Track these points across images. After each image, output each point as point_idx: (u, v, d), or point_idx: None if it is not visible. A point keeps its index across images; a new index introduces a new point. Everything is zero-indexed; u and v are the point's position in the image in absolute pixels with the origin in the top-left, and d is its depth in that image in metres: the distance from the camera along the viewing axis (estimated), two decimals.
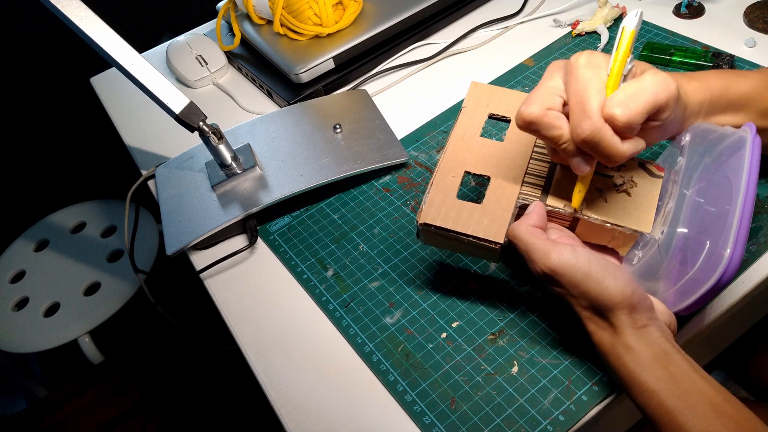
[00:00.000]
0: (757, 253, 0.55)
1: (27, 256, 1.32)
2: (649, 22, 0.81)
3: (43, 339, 1.16)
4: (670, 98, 0.42)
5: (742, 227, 0.40)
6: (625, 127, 0.40)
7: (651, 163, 0.50)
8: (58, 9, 0.58)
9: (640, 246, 0.48)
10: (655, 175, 0.49)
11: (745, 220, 0.41)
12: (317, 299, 0.61)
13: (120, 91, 0.96)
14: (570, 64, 0.44)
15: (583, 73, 0.42)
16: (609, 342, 0.44)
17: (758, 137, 0.44)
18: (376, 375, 0.54)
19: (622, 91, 0.41)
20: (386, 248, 0.64)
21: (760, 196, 0.59)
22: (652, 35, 0.79)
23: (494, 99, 0.56)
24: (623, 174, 0.49)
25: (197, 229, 0.66)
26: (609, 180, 0.49)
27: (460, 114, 0.55)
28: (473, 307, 0.57)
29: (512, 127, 0.54)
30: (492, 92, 0.56)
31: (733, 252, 0.40)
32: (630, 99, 0.41)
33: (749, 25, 0.77)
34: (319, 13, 0.82)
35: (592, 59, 0.43)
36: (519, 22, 0.88)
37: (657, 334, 0.43)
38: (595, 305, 0.43)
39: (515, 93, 0.56)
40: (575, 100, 0.42)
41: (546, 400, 0.50)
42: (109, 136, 1.05)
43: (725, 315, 0.53)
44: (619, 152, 0.41)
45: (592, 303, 0.44)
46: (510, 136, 0.53)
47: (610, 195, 0.49)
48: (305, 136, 0.74)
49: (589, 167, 0.45)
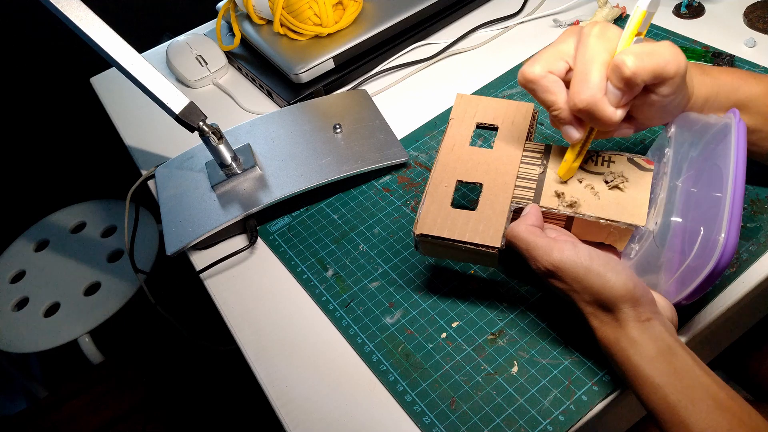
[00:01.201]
0: (757, 253, 0.55)
1: (27, 256, 1.32)
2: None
3: (43, 339, 1.16)
4: (678, 72, 0.42)
5: (735, 212, 0.41)
6: (629, 79, 0.41)
7: (640, 158, 0.51)
8: (58, 9, 0.58)
9: (636, 239, 0.48)
10: (645, 169, 0.50)
11: (737, 204, 0.41)
12: (317, 299, 0.61)
13: (120, 91, 0.96)
14: (583, 32, 0.44)
15: (593, 44, 0.43)
16: (613, 336, 0.44)
17: (743, 122, 0.45)
18: (376, 375, 0.54)
19: (639, 46, 0.42)
20: (386, 248, 0.64)
21: (759, 196, 0.59)
22: (652, 35, 0.79)
23: (480, 108, 0.57)
24: (613, 170, 0.50)
25: (197, 229, 0.66)
26: (600, 177, 0.50)
27: (448, 126, 0.56)
28: (473, 307, 0.57)
29: (500, 135, 0.55)
30: (478, 102, 0.57)
31: (727, 236, 0.40)
32: (643, 55, 0.41)
33: (749, 25, 0.77)
34: (319, 13, 0.82)
35: (605, 31, 0.43)
36: (519, 22, 0.88)
37: (660, 328, 0.43)
38: (599, 300, 0.44)
39: (501, 101, 0.57)
40: (580, 68, 0.43)
41: (546, 400, 0.50)
42: (109, 136, 1.05)
43: (725, 315, 0.53)
44: (612, 120, 0.43)
45: (595, 298, 0.44)
46: (499, 143, 0.54)
47: (602, 192, 0.49)
48: (305, 136, 0.74)
49: (579, 135, 0.46)
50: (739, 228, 0.41)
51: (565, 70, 0.45)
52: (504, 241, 0.48)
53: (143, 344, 1.22)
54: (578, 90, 0.43)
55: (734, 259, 0.55)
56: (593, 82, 0.42)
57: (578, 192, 0.50)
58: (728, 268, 0.55)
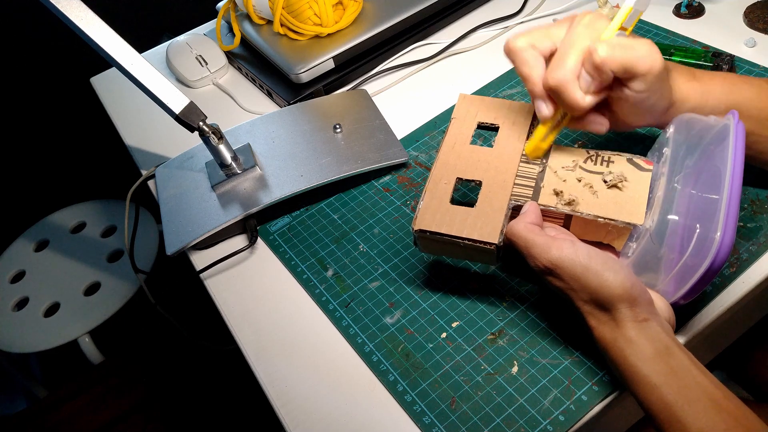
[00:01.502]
0: (758, 253, 0.55)
1: (27, 256, 1.32)
2: (648, 22, 0.81)
3: (43, 339, 1.16)
4: (651, 71, 0.44)
5: (731, 211, 0.41)
6: (598, 66, 0.43)
7: (640, 158, 0.51)
8: (58, 9, 0.58)
9: (634, 238, 0.48)
10: (644, 169, 0.50)
11: (734, 204, 0.41)
12: (317, 299, 0.61)
13: (120, 91, 0.96)
14: (575, 19, 0.46)
15: (579, 31, 0.45)
16: (610, 336, 0.44)
17: (742, 123, 0.45)
18: (376, 375, 0.54)
19: (617, 39, 0.44)
20: (386, 248, 0.64)
21: (759, 197, 0.59)
22: (651, 35, 0.79)
23: (482, 109, 0.57)
24: (612, 170, 0.50)
25: (197, 229, 0.66)
26: (599, 176, 0.50)
27: (450, 125, 0.57)
28: (473, 307, 0.57)
29: (501, 134, 0.55)
30: (480, 102, 0.58)
31: (723, 235, 0.40)
32: (617, 47, 0.43)
33: (749, 25, 0.77)
34: (319, 13, 0.82)
35: (594, 22, 0.45)
36: (519, 22, 0.88)
37: (658, 328, 0.43)
38: (596, 299, 0.44)
39: (503, 102, 0.57)
40: (560, 49, 0.46)
41: (546, 400, 0.50)
42: (109, 136, 1.05)
43: (725, 315, 0.53)
44: (579, 104, 0.45)
45: (592, 297, 0.44)
46: (499, 142, 0.55)
47: (600, 191, 0.50)
48: (305, 135, 0.74)
49: (548, 113, 0.48)
50: (736, 227, 0.41)
51: (549, 50, 0.48)
52: (502, 237, 0.48)
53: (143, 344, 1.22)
54: (552, 68, 0.46)
55: (734, 258, 0.55)
56: (568, 64, 0.45)
57: (577, 190, 0.50)
58: (728, 268, 0.55)
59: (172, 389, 1.13)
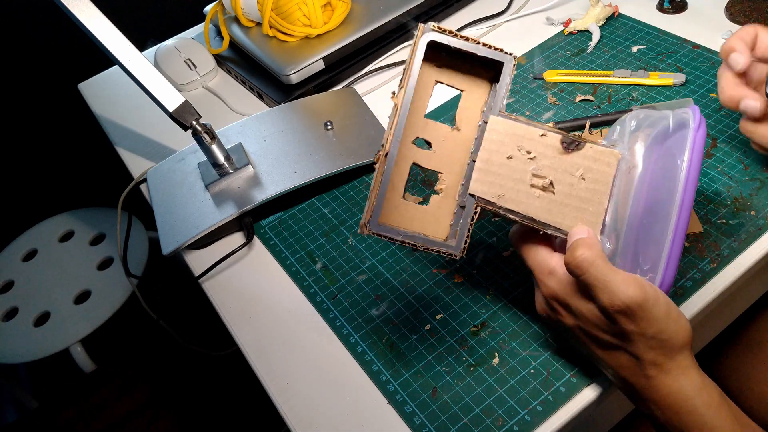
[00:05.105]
0: (738, 250, 0.55)
1: (15, 266, 1.31)
2: (632, 17, 0.83)
3: (34, 349, 1.15)
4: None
5: (673, 255, 0.39)
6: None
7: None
8: (63, 4, 0.58)
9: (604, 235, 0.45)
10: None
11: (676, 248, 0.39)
12: (305, 291, 0.62)
13: (108, 98, 0.95)
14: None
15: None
16: (675, 385, 0.39)
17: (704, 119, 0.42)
18: (361, 365, 0.55)
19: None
20: (374, 242, 0.64)
21: (743, 194, 0.60)
22: (634, 31, 0.80)
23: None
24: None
25: (193, 228, 0.66)
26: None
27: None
28: (457, 300, 0.58)
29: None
30: None
31: (663, 276, 0.39)
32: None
33: (730, 19, 0.79)
34: (308, 15, 0.82)
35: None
36: (506, 20, 0.89)
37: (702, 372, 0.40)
38: (669, 344, 0.38)
39: None
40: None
41: (525, 391, 0.50)
42: (95, 144, 1.04)
43: (697, 317, 0.53)
44: None
45: (665, 342, 0.38)
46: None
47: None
48: (296, 134, 0.74)
49: None
50: (677, 268, 0.39)
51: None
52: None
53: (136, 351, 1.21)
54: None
55: (715, 254, 0.55)
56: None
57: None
58: (709, 264, 0.55)
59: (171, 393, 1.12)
